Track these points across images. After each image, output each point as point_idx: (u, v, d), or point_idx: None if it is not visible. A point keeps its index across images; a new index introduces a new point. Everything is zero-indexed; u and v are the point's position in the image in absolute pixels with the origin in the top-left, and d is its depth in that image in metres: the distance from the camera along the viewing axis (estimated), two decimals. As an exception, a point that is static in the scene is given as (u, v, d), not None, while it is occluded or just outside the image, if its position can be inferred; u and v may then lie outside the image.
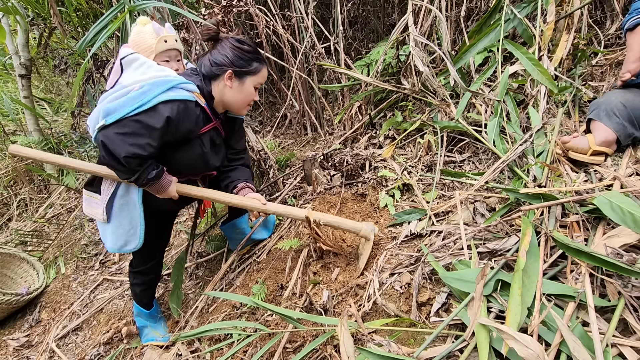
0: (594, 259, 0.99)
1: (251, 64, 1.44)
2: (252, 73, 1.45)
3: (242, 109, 1.53)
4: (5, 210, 3.66)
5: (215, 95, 1.47)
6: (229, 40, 1.43)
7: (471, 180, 1.65)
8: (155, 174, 1.34)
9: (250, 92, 1.48)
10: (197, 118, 1.40)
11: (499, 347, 0.94)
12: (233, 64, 1.42)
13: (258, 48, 1.48)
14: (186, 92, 1.35)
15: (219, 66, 1.42)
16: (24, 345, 2.15)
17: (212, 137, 1.52)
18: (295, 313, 1.30)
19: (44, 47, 3.63)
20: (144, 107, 1.23)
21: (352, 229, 1.56)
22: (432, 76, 2.00)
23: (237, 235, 2.02)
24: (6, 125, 4.01)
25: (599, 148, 1.45)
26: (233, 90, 1.45)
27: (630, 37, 1.49)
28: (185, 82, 1.36)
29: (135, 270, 1.72)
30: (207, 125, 1.47)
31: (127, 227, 1.48)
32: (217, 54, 1.43)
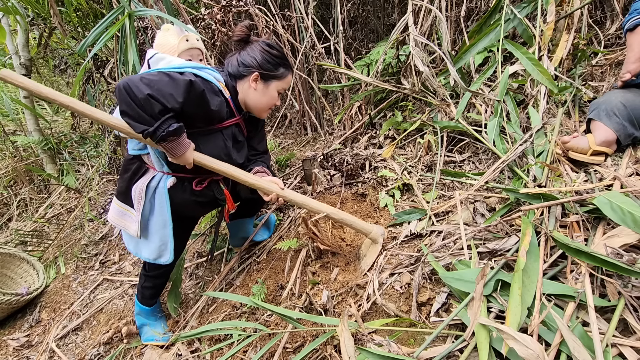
0: (594, 259, 0.99)
1: (278, 68, 1.46)
2: (278, 78, 1.48)
3: (263, 111, 1.53)
4: (5, 210, 3.66)
5: (240, 94, 1.49)
6: (259, 43, 1.46)
7: (471, 180, 1.65)
8: (177, 127, 1.24)
9: (273, 96, 1.50)
10: (220, 104, 1.39)
11: (499, 347, 0.94)
12: (260, 67, 1.44)
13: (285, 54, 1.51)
14: (213, 77, 1.38)
15: (247, 67, 1.44)
16: (24, 345, 2.15)
17: (234, 133, 1.51)
18: (295, 313, 1.30)
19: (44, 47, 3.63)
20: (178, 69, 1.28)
21: (362, 229, 1.56)
22: (432, 76, 2.00)
23: (241, 233, 2.02)
24: (6, 125, 4.01)
25: (599, 148, 1.45)
26: (257, 92, 1.47)
27: (631, 37, 1.49)
28: (212, 69, 1.41)
29: (149, 274, 1.72)
30: (230, 119, 1.48)
31: (158, 243, 1.52)
32: (246, 55, 1.45)
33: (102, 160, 3.50)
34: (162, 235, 1.51)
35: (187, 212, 1.59)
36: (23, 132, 3.88)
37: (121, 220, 1.57)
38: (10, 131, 4.04)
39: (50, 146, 3.57)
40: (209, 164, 1.44)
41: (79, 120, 4.06)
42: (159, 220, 1.50)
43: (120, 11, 1.88)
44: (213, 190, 1.55)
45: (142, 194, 1.46)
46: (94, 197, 3.27)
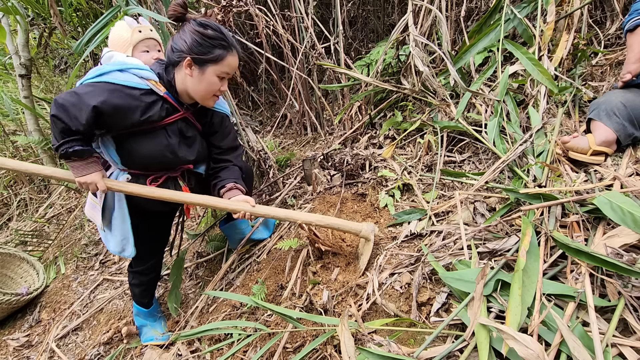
0: (594, 259, 0.99)
1: (212, 50, 1.30)
2: (214, 61, 1.31)
3: (207, 99, 1.40)
4: (5, 210, 3.66)
5: (178, 84, 1.38)
6: (191, 23, 1.31)
7: (471, 180, 1.65)
8: (78, 149, 1.25)
9: (213, 82, 1.35)
10: (146, 107, 1.31)
11: (499, 347, 0.94)
12: (192, 50, 1.29)
13: (225, 31, 1.34)
14: (136, 79, 1.29)
15: (179, 52, 1.31)
16: (24, 345, 2.15)
17: (180, 129, 1.44)
18: (295, 313, 1.30)
19: (44, 47, 3.63)
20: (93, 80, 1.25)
21: (351, 230, 1.56)
22: (432, 76, 2.00)
23: (237, 235, 2.02)
24: (6, 125, 4.01)
25: (599, 148, 1.45)
26: (194, 79, 1.34)
27: (631, 38, 1.49)
28: (139, 67, 1.31)
29: (134, 271, 1.73)
30: (172, 116, 1.40)
31: (119, 237, 1.52)
32: (178, 38, 1.32)
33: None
34: (123, 230, 1.50)
35: (148, 208, 1.53)
36: (23, 132, 3.88)
37: (92, 212, 1.57)
38: (10, 131, 4.04)
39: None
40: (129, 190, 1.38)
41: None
42: (119, 215, 1.49)
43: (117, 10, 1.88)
44: (169, 187, 1.50)
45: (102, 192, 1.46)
46: (94, 197, 3.27)
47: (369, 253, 1.51)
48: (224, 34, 1.32)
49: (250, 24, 3.15)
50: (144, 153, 1.38)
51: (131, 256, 1.54)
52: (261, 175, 2.44)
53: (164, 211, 1.64)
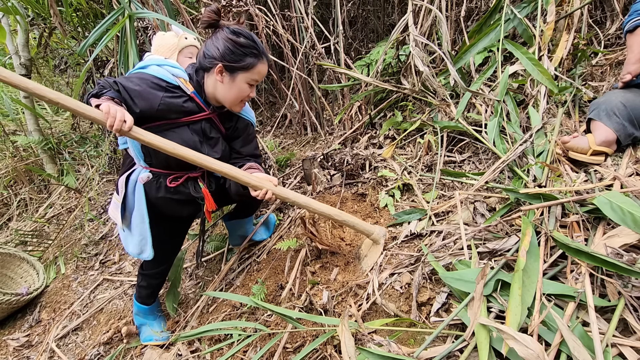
0: (594, 259, 0.99)
1: (244, 59, 1.33)
2: (245, 69, 1.35)
3: (235, 105, 1.44)
4: (5, 210, 3.66)
5: (207, 87, 1.42)
6: (224, 31, 1.34)
7: (471, 180, 1.65)
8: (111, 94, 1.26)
9: (243, 89, 1.39)
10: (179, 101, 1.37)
11: (499, 347, 0.94)
12: (224, 58, 1.33)
13: (257, 39, 1.37)
14: (168, 74, 1.37)
15: (210, 58, 1.35)
16: (24, 345, 2.15)
17: (204, 128, 1.46)
18: (295, 313, 1.30)
19: (44, 47, 3.63)
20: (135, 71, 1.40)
21: (364, 230, 1.55)
22: (432, 76, 2.00)
23: (239, 232, 2.01)
24: (6, 125, 4.00)
25: (599, 148, 1.45)
26: (224, 85, 1.38)
27: (631, 38, 1.49)
28: (174, 65, 1.40)
29: (145, 273, 1.72)
30: (197, 115, 1.43)
31: (138, 237, 1.53)
32: (211, 44, 1.36)
33: (102, 160, 3.50)
34: (142, 230, 1.51)
35: (165, 210, 1.54)
36: (23, 132, 3.88)
37: (114, 212, 1.58)
38: (10, 131, 4.04)
39: (50, 146, 3.57)
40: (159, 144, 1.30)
41: (79, 120, 4.06)
42: (137, 214, 1.50)
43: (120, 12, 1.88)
44: (189, 187, 1.51)
45: (122, 184, 1.49)
46: (94, 197, 3.27)
47: (375, 257, 1.50)
48: (256, 42, 1.36)
49: (250, 24, 3.15)
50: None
51: (149, 258, 1.55)
52: (261, 175, 2.43)
53: (182, 216, 1.64)
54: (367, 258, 1.54)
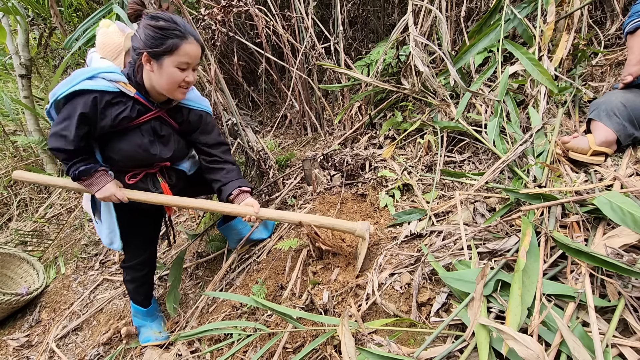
0: (594, 259, 0.99)
1: (165, 42, 1.27)
2: (169, 52, 1.28)
3: (174, 91, 1.37)
4: (5, 210, 3.66)
5: (145, 82, 1.38)
6: (144, 18, 1.29)
7: (471, 180, 1.65)
8: (83, 169, 1.36)
9: (173, 73, 1.31)
10: (122, 109, 1.35)
11: (499, 347, 0.94)
12: (146, 45, 1.27)
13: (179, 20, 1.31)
14: (105, 82, 1.31)
15: (137, 50, 1.31)
16: (24, 345, 2.15)
17: (154, 127, 1.46)
18: (295, 312, 1.29)
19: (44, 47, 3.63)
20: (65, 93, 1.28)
21: (346, 229, 1.56)
22: (432, 76, 2.00)
23: (235, 235, 2.02)
24: (6, 125, 4.01)
25: (599, 148, 1.45)
26: (155, 74, 1.33)
27: (631, 40, 1.49)
28: (108, 71, 1.32)
29: (126, 266, 1.74)
30: (144, 115, 1.41)
31: (107, 230, 1.57)
32: (135, 36, 1.31)
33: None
34: (110, 223, 1.56)
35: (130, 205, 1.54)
36: (23, 132, 3.88)
37: (86, 204, 1.63)
38: (10, 131, 4.04)
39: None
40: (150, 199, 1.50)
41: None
42: (105, 208, 1.54)
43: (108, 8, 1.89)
44: (147, 183, 1.54)
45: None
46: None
47: (364, 252, 1.51)
48: (177, 23, 1.29)
49: (250, 24, 3.15)
50: (119, 152, 1.43)
51: (119, 249, 1.60)
52: (261, 176, 2.43)
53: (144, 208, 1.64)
54: (359, 256, 1.54)
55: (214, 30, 2.38)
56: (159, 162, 1.54)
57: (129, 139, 1.41)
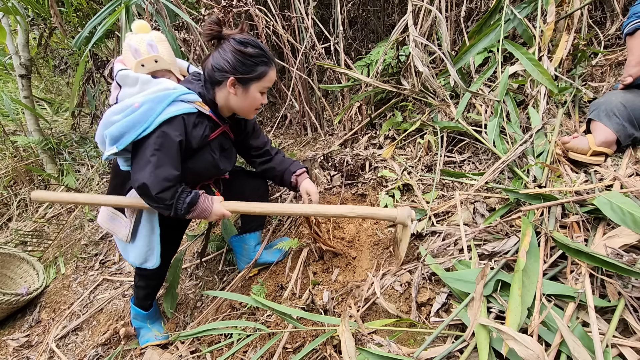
0: (594, 259, 0.99)
1: (255, 69, 1.31)
2: (257, 79, 1.33)
3: (250, 113, 1.44)
4: (5, 210, 3.65)
5: (219, 101, 1.39)
6: (231, 42, 1.30)
7: (471, 180, 1.65)
8: (189, 200, 1.32)
9: (257, 98, 1.38)
10: (203, 128, 1.36)
11: (499, 347, 0.94)
12: (236, 70, 1.30)
13: (264, 46, 1.34)
14: (187, 105, 1.29)
15: (221, 72, 1.31)
16: (24, 345, 2.15)
17: (221, 143, 1.47)
18: (295, 311, 1.29)
19: (44, 47, 3.63)
20: (150, 129, 1.23)
21: (386, 217, 1.43)
22: (432, 77, 2.00)
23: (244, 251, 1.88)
24: (6, 125, 4.01)
25: (599, 148, 1.46)
26: (238, 97, 1.36)
27: (630, 41, 1.49)
28: (185, 92, 1.30)
29: (143, 274, 1.69)
30: (214, 132, 1.42)
31: (145, 249, 1.51)
32: (219, 57, 1.31)
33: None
34: (150, 241, 1.51)
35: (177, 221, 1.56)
36: (23, 132, 3.88)
37: (111, 225, 1.57)
38: (10, 131, 4.04)
39: (50, 146, 3.57)
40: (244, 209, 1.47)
41: (79, 121, 4.06)
42: (147, 226, 1.49)
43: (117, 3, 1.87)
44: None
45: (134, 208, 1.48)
46: (94, 197, 3.26)
47: (406, 240, 1.39)
48: (264, 50, 1.33)
49: (250, 24, 3.15)
50: (190, 171, 1.40)
51: (155, 266, 1.54)
52: (261, 176, 2.43)
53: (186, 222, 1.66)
54: (401, 243, 1.44)
55: (214, 31, 2.38)
56: (219, 176, 1.57)
57: (201, 157, 1.40)
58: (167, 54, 1.42)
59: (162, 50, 1.40)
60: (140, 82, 1.30)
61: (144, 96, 1.25)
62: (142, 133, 1.22)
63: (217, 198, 1.43)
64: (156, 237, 1.50)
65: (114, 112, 1.27)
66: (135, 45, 1.36)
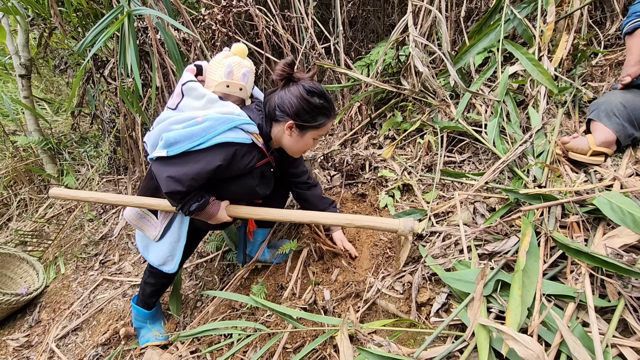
0: (594, 259, 0.99)
1: (316, 118, 1.34)
2: (315, 128, 1.36)
3: (298, 154, 1.48)
4: (5, 210, 3.65)
5: (274, 135, 1.41)
6: (299, 88, 1.31)
7: (471, 180, 1.65)
8: (196, 206, 1.35)
9: (308, 144, 1.41)
10: (251, 158, 1.37)
11: (499, 347, 0.94)
12: (297, 116, 1.32)
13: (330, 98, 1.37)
14: (245, 135, 1.30)
15: (283, 113, 1.34)
16: (24, 346, 2.15)
17: (263, 172, 1.49)
18: (295, 312, 1.29)
19: (44, 47, 3.63)
20: (203, 145, 1.24)
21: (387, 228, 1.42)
22: (432, 77, 2.00)
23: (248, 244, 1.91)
24: (6, 125, 4.01)
25: (599, 148, 1.46)
26: (292, 139, 1.38)
27: (630, 40, 1.49)
28: (247, 122, 1.31)
29: (154, 271, 1.69)
30: (260, 162, 1.44)
31: (167, 253, 1.54)
32: (285, 98, 1.33)
33: (102, 160, 3.50)
34: (173, 248, 1.53)
35: (203, 228, 1.62)
36: (23, 132, 3.88)
37: (139, 222, 1.59)
38: (10, 131, 4.04)
39: (50, 146, 3.57)
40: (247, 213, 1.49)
41: (79, 121, 4.06)
42: (174, 234, 1.52)
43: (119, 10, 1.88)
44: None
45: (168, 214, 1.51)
46: (94, 197, 3.26)
47: (407, 249, 1.41)
48: (329, 102, 1.36)
49: (250, 24, 3.15)
50: (227, 193, 1.44)
51: (171, 272, 1.57)
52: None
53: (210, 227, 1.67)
54: (402, 251, 1.45)
55: (214, 30, 2.39)
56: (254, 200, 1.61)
57: (242, 183, 1.41)
58: (250, 86, 1.46)
59: (249, 82, 1.43)
60: (206, 99, 1.31)
61: (209, 115, 1.27)
62: (196, 147, 1.24)
63: (223, 204, 1.45)
64: (181, 246, 1.53)
65: (175, 122, 1.28)
66: (232, 68, 1.38)
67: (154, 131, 1.34)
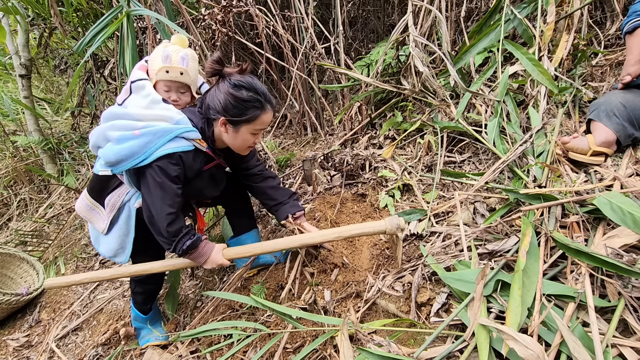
0: (594, 259, 0.99)
1: (246, 112, 1.31)
2: (247, 122, 1.33)
3: (242, 150, 1.45)
4: (5, 210, 3.66)
5: (215, 135, 1.41)
6: (226, 83, 1.31)
7: (471, 180, 1.65)
8: (189, 244, 1.34)
9: (247, 139, 1.39)
10: (198, 162, 1.37)
11: (499, 347, 0.94)
12: (226, 112, 1.31)
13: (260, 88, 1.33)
14: (186, 142, 1.30)
15: (214, 111, 1.33)
16: (24, 345, 2.15)
17: (212, 174, 1.49)
18: (295, 312, 1.29)
19: (44, 47, 3.63)
20: (147, 161, 1.24)
21: (374, 231, 1.41)
22: (432, 77, 2.00)
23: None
24: (6, 125, 4.01)
25: (599, 148, 1.45)
26: (229, 135, 1.37)
27: (630, 40, 1.49)
28: (187, 130, 1.30)
29: (137, 279, 1.70)
30: (208, 165, 1.44)
31: (116, 246, 1.51)
32: (213, 96, 1.33)
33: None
34: (122, 242, 1.50)
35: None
36: (23, 132, 3.88)
37: (89, 214, 1.56)
38: (10, 131, 4.04)
39: (50, 146, 3.57)
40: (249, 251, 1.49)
41: (79, 121, 4.06)
42: (122, 228, 1.48)
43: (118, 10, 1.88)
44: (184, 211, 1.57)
45: (114, 207, 1.46)
46: (94, 197, 3.26)
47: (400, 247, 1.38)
48: (258, 93, 1.32)
49: (250, 24, 3.15)
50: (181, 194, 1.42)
51: (123, 263, 1.56)
52: (261, 176, 2.43)
53: None
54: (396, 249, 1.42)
55: (214, 30, 2.39)
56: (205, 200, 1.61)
57: (191, 185, 1.41)
58: (193, 72, 1.44)
59: (190, 67, 1.41)
60: (150, 99, 1.31)
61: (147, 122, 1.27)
62: (140, 164, 1.24)
63: (218, 246, 1.44)
64: (130, 239, 1.49)
65: (113, 127, 1.28)
66: (169, 53, 1.37)
67: (98, 128, 1.32)
